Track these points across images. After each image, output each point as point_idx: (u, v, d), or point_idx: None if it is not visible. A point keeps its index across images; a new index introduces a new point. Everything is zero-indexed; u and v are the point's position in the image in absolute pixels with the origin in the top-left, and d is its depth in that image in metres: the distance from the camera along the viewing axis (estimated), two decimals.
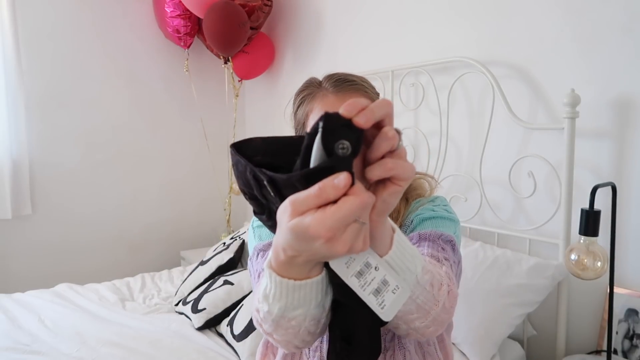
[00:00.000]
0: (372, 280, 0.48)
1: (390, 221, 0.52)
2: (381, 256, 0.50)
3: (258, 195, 0.47)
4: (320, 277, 0.52)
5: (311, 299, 0.53)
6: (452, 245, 0.78)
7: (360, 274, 0.48)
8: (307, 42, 2.70)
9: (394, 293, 0.48)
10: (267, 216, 0.50)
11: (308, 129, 0.73)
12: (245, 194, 0.50)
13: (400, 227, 0.88)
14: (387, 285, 0.48)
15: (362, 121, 0.41)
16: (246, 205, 3.09)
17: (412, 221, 0.86)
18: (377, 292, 0.48)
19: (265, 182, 0.44)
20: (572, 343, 1.59)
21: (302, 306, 0.54)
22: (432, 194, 0.94)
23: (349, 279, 0.47)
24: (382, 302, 0.48)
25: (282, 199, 0.43)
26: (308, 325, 0.58)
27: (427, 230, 0.80)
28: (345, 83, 0.84)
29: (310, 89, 0.88)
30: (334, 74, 0.89)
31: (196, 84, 2.93)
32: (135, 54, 2.81)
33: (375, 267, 0.48)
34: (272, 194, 0.44)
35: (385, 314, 0.48)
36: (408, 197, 0.91)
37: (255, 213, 0.52)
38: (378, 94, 0.91)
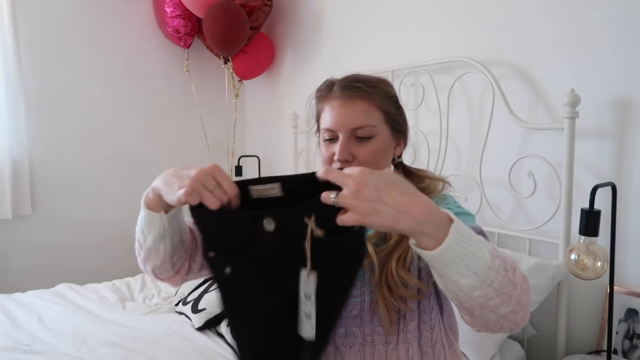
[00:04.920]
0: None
1: (448, 213, 0.60)
2: (433, 249, 0.57)
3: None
4: (162, 216, 0.76)
5: (156, 228, 0.76)
6: (484, 235, 0.76)
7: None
8: (307, 42, 2.70)
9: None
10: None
11: (321, 123, 0.90)
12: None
13: None
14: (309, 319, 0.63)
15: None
16: None
17: None
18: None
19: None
20: (572, 343, 1.59)
21: (151, 231, 0.77)
22: (442, 192, 0.94)
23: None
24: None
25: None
26: (156, 250, 0.79)
27: None
28: (350, 89, 0.85)
29: (324, 91, 0.91)
30: (347, 76, 0.90)
31: (196, 84, 2.93)
32: (135, 54, 2.81)
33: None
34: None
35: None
36: None
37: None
38: (392, 97, 0.90)
